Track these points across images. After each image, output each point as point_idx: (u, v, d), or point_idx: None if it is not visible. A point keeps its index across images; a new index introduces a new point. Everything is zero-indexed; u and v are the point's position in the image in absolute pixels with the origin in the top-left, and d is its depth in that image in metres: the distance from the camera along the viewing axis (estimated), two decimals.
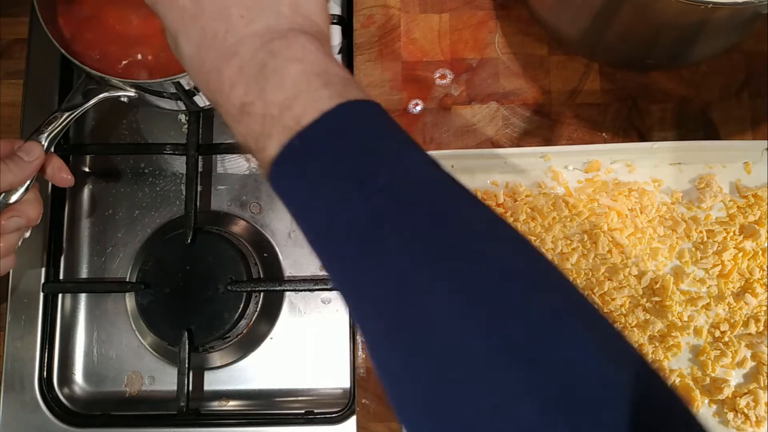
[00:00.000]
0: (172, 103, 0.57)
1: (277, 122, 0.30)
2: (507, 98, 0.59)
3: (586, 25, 0.55)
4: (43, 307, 0.58)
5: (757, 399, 0.51)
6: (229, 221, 0.61)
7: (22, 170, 0.50)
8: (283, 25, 0.33)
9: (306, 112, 0.30)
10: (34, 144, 0.51)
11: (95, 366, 0.59)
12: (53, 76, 0.62)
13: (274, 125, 0.30)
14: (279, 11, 0.33)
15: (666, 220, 0.54)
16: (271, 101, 0.31)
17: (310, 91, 0.30)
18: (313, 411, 0.57)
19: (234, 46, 0.32)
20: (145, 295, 0.57)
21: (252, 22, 0.32)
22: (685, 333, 0.53)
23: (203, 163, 0.61)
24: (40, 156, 0.51)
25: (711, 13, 0.44)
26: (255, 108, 0.31)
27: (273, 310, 0.60)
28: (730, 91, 0.58)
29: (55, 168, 0.53)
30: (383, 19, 0.60)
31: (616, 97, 0.58)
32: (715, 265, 0.53)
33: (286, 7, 0.33)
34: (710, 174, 0.55)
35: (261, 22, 0.32)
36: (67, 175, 0.54)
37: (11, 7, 0.63)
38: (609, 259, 0.53)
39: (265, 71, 0.31)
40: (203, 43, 0.33)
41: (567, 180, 0.55)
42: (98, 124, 0.64)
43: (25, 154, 0.50)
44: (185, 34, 0.34)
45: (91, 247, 0.61)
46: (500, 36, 0.60)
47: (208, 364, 0.59)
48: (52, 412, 0.57)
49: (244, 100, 0.31)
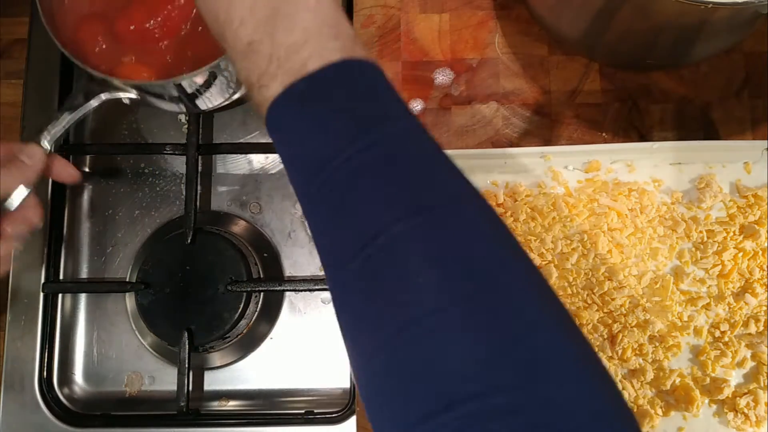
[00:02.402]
0: (173, 105, 0.57)
1: (283, 63, 0.31)
2: (507, 98, 0.59)
3: (586, 25, 0.55)
4: (43, 307, 0.58)
5: (757, 399, 0.51)
6: (229, 221, 0.61)
7: (24, 174, 0.49)
8: None
9: (312, 58, 0.31)
10: (35, 147, 0.50)
11: (95, 366, 0.59)
12: (53, 76, 0.62)
13: (280, 66, 0.31)
14: None
15: (666, 220, 0.54)
16: (280, 43, 0.31)
17: (319, 40, 0.31)
18: (313, 411, 0.57)
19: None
20: (145, 295, 0.57)
21: None
22: (685, 333, 0.53)
23: (203, 163, 0.61)
24: (42, 159, 0.50)
25: (711, 13, 0.44)
26: (263, 46, 0.32)
27: (273, 310, 0.60)
28: (730, 91, 0.58)
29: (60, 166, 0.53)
30: (383, 19, 0.60)
31: (616, 97, 0.58)
32: (715, 265, 0.53)
33: None
34: (710, 174, 0.55)
35: None
36: (73, 171, 0.54)
37: (11, 7, 0.63)
38: (609, 259, 0.53)
39: (277, 15, 0.32)
40: None
41: (567, 180, 0.55)
42: (98, 124, 0.64)
43: (27, 157, 0.49)
44: None
45: (91, 247, 0.61)
46: (500, 36, 0.60)
47: (208, 364, 0.59)
48: (52, 412, 0.57)
49: (252, 38, 0.32)
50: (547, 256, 0.53)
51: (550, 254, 0.53)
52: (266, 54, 0.31)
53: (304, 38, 0.31)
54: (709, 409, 0.52)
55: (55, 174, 0.53)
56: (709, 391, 0.52)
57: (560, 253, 0.53)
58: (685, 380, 0.52)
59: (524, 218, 0.54)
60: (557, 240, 0.54)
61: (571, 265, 0.53)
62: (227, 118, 0.63)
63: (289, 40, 0.31)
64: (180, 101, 0.56)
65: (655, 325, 0.52)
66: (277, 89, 0.31)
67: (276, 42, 0.31)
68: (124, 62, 0.54)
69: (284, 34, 0.31)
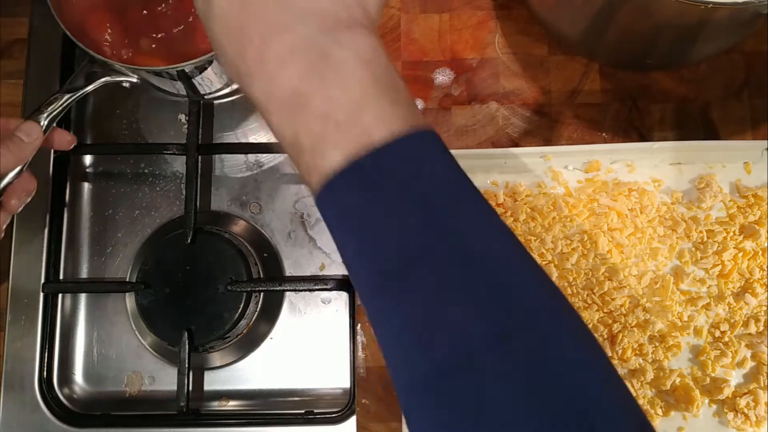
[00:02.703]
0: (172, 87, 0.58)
1: (343, 129, 0.26)
2: (507, 98, 0.59)
3: (586, 25, 0.55)
4: (43, 307, 0.58)
5: (757, 399, 0.51)
6: (229, 221, 0.61)
7: (22, 151, 0.49)
8: (344, 14, 0.28)
9: (376, 126, 0.26)
10: (32, 124, 0.50)
11: (95, 366, 0.59)
12: (53, 77, 0.62)
13: (340, 132, 0.26)
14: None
15: (666, 220, 0.54)
16: (336, 101, 0.27)
17: (379, 104, 0.27)
18: (313, 411, 0.57)
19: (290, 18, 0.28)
20: (145, 295, 0.57)
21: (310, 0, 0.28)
22: (685, 333, 0.53)
23: (203, 163, 0.61)
24: (39, 136, 0.51)
25: (711, 13, 0.44)
26: (314, 102, 0.27)
27: (273, 310, 0.60)
28: (730, 91, 0.58)
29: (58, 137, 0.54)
30: (383, 19, 0.60)
31: (616, 97, 0.58)
32: (715, 265, 0.53)
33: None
34: (710, 174, 0.55)
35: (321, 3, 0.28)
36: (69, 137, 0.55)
37: (11, 7, 0.63)
38: (609, 259, 0.53)
39: (328, 62, 0.27)
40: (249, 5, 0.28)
41: (567, 180, 0.55)
42: (98, 124, 0.64)
43: (24, 135, 0.50)
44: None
45: (91, 247, 0.61)
46: (500, 36, 0.60)
47: (208, 364, 0.59)
48: (52, 412, 0.57)
49: (299, 86, 0.27)
50: (547, 256, 0.53)
51: (550, 254, 0.53)
52: (320, 113, 0.27)
53: (361, 99, 0.27)
54: (709, 409, 0.52)
55: (56, 145, 0.54)
56: (709, 391, 0.52)
57: (560, 253, 0.53)
58: (685, 380, 0.52)
59: (524, 218, 0.54)
60: (557, 240, 0.54)
61: (571, 265, 0.53)
62: (227, 119, 0.63)
63: (344, 99, 0.26)
64: (179, 84, 0.57)
65: (655, 325, 0.52)
66: (337, 158, 0.26)
67: (330, 98, 0.27)
68: (127, 46, 0.55)
69: (339, 89, 0.27)
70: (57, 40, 0.62)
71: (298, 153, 0.28)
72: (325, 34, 0.27)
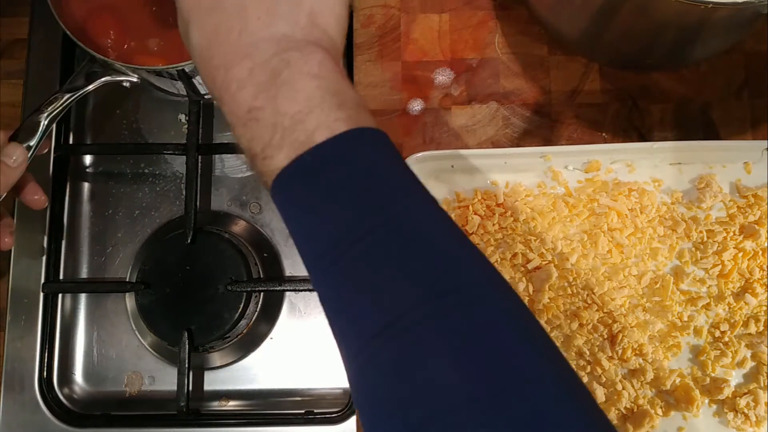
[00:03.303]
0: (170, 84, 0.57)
1: (288, 134, 0.30)
2: (507, 98, 0.59)
3: (586, 25, 0.55)
4: (43, 307, 0.58)
5: (757, 399, 0.51)
6: (229, 221, 0.61)
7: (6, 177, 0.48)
8: (299, 35, 0.32)
9: (319, 129, 0.29)
10: (15, 146, 0.49)
11: (95, 366, 0.59)
12: (53, 77, 0.62)
13: (285, 136, 0.30)
14: (297, 20, 0.32)
15: (666, 220, 0.54)
16: (284, 111, 0.30)
17: (324, 109, 0.30)
18: (313, 411, 0.57)
19: (248, 47, 0.32)
20: (145, 295, 0.57)
21: (269, 26, 0.32)
22: (685, 333, 0.53)
23: (203, 163, 0.61)
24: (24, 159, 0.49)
25: (711, 13, 0.44)
26: (264, 114, 0.30)
27: (273, 310, 0.60)
28: (730, 91, 0.58)
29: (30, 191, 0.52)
30: (383, 19, 0.60)
31: (616, 97, 0.58)
32: (715, 265, 0.53)
33: (304, 17, 0.33)
34: (710, 174, 0.55)
35: (278, 28, 0.32)
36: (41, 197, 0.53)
37: (11, 7, 0.63)
38: (609, 259, 0.53)
39: (278, 80, 0.30)
40: (215, 38, 0.32)
41: (567, 180, 0.55)
42: (98, 124, 0.64)
43: (7, 158, 0.48)
44: (198, 23, 0.33)
45: (91, 247, 0.61)
46: (500, 36, 0.60)
47: (208, 364, 0.59)
48: (52, 412, 0.57)
49: (252, 104, 0.31)
50: (547, 256, 0.53)
51: (550, 254, 0.53)
52: (269, 123, 0.30)
53: (308, 107, 0.30)
54: (709, 409, 0.52)
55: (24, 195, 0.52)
56: (709, 391, 0.52)
57: (560, 253, 0.53)
58: (685, 380, 0.52)
59: (524, 218, 0.54)
60: (557, 240, 0.54)
61: (571, 265, 0.53)
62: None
63: (292, 109, 0.30)
64: (179, 84, 0.57)
65: (655, 325, 0.52)
66: (282, 161, 0.30)
67: (279, 110, 0.30)
68: (127, 46, 0.55)
69: (287, 101, 0.30)
70: (57, 40, 0.62)
71: (253, 159, 0.31)
72: (277, 57, 0.31)
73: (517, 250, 0.53)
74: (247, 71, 0.31)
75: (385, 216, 0.29)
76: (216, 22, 0.32)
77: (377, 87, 0.59)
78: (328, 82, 0.31)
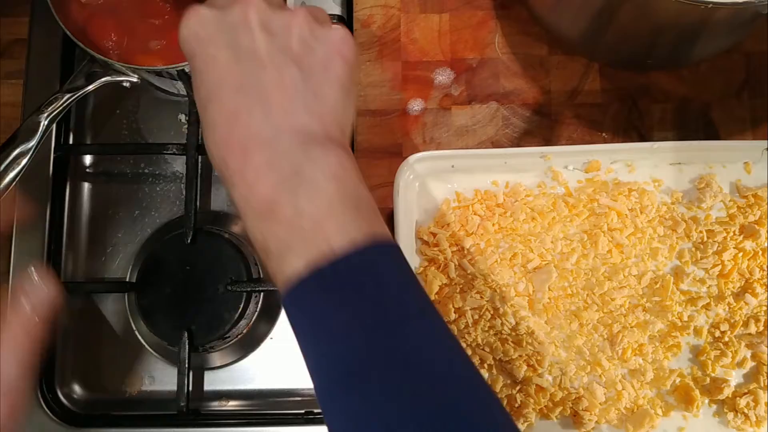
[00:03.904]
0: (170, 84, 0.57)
1: (307, 237, 0.29)
2: (507, 98, 0.59)
3: (586, 25, 0.55)
4: None
5: (757, 399, 0.51)
6: (229, 221, 0.61)
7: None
8: (321, 131, 0.32)
9: (337, 235, 0.29)
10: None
11: (95, 366, 0.59)
12: (53, 77, 0.62)
13: (304, 240, 0.29)
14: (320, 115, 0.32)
15: (666, 220, 0.54)
16: (303, 211, 0.30)
17: (343, 214, 0.30)
18: (313, 411, 0.57)
19: (269, 136, 0.31)
20: (145, 295, 0.57)
21: (291, 116, 0.31)
22: (685, 333, 0.53)
23: (203, 163, 0.61)
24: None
25: (711, 13, 0.44)
26: (284, 212, 0.30)
27: (273, 310, 0.60)
28: (730, 91, 0.58)
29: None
30: (383, 19, 0.60)
31: (616, 97, 0.58)
32: (715, 265, 0.53)
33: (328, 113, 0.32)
34: (710, 174, 0.55)
35: (300, 120, 0.31)
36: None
37: (11, 7, 0.63)
38: (609, 259, 0.53)
39: (300, 177, 0.30)
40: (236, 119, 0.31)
41: (567, 180, 0.55)
42: (98, 124, 0.63)
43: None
44: (219, 102, 0.32)
45: (91, 247, 0.61)
46: (500, 36, 0.60)
47: (208, 364, 0.59)
48: (52, 412, 0.57)
49: (273, 197, 0.30)
50: (547, 256, 0.53)
51: (550, 254, 0.53)
52: (287, 222, 0.30)
53: (328, 210, 0.30)
54: (709, 409, 0.52)
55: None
56: (709, 391, 0.52)
57: (560, 253, 0.53)
58: (685, 380, 0.52)
59: (524, 218, 0.54)
60: (557, 240, 0.54)
61: (571, 265, 0.53)
62: None
63: (311, 209, 0.30)
64: (179, 84, 0.57)
65: (655, 325, 0.52)
66: (299, 266, 0.29)
67: (300, 210, 0.30)
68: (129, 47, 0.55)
69: (307, 201, 0.30)
70: (57, 40, 0.62)
71: (266, 256, 0.31)
72: (300, 149, 0.31)
73: (517, 250, 0.53)
74: (266, 161, 0.30)
75: (393, 345, 0.29)
76: (238, 104, 0.32)
77: (377, 87, 0.59)
78: (346, 185, 0.31)
